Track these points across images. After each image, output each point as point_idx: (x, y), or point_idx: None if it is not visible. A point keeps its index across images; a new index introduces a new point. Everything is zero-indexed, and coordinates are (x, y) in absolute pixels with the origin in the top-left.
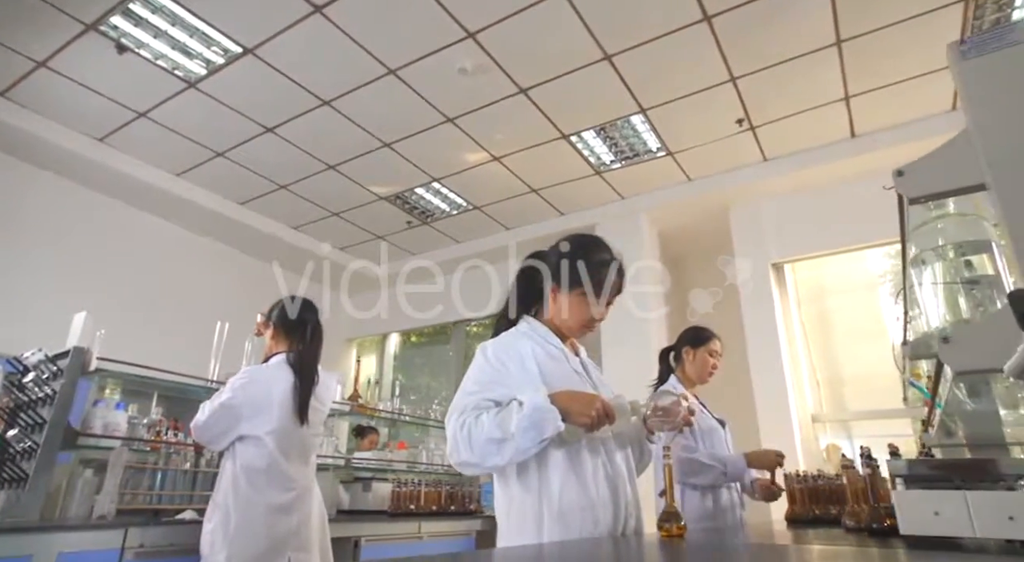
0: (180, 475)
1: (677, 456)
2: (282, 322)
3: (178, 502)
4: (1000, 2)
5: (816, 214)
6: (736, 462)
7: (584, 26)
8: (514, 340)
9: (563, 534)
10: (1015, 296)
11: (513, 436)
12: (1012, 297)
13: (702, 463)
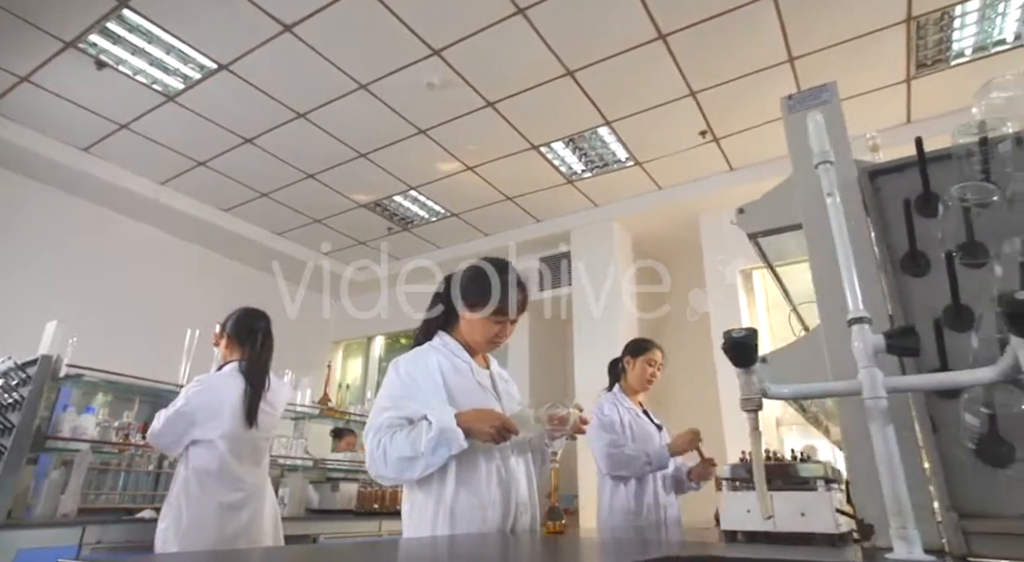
0: (143, 476)
1: (606, 452)
2: (235, 331)
3: (140, 501)
4: (940, 23)
5: None
6: (660, 452)
7: (544, 44)
8: (424, 354)
9: (453, 530)
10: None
11: (423, 454)
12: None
13: (627, 455)
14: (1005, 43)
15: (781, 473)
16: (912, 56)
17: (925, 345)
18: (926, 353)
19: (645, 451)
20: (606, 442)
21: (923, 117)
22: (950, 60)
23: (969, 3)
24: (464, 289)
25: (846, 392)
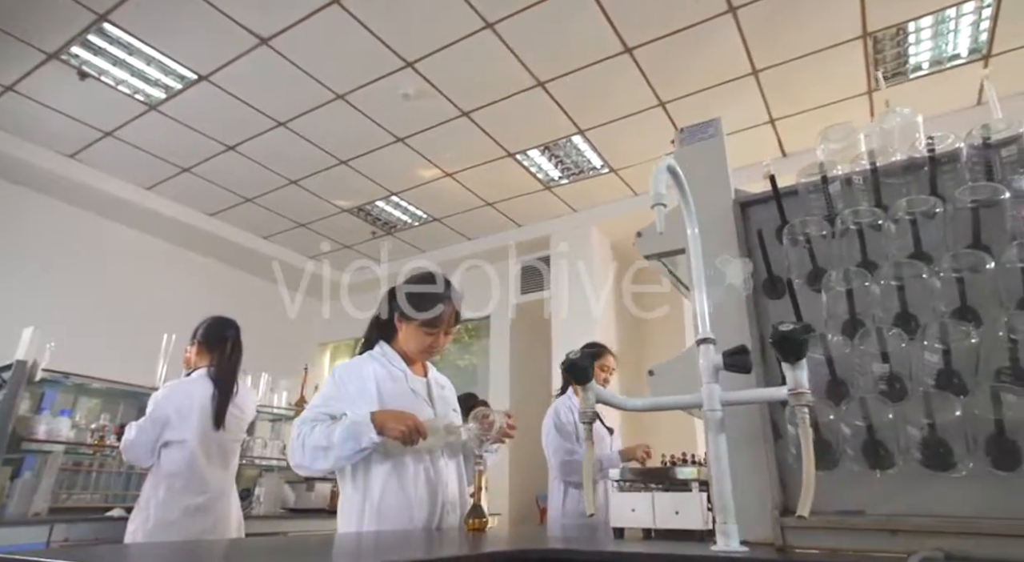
0: (114, 476)
1: (560, 459)
2: (205, 339)
3: (111, 501)
4: (896, 39)
5: None
6: (611, 457)
7: (514, 56)
8: (361, 363)
9: (379, 527)
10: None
11: (335, 445)
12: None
13: (579, 461)
14: (960, 58)
15: (661, 476)
16: (872, 69)
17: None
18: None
19: (598, 457)
20: (562, 449)
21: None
22: (908, 73)
23: (922, 20)
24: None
25: (690, 405)
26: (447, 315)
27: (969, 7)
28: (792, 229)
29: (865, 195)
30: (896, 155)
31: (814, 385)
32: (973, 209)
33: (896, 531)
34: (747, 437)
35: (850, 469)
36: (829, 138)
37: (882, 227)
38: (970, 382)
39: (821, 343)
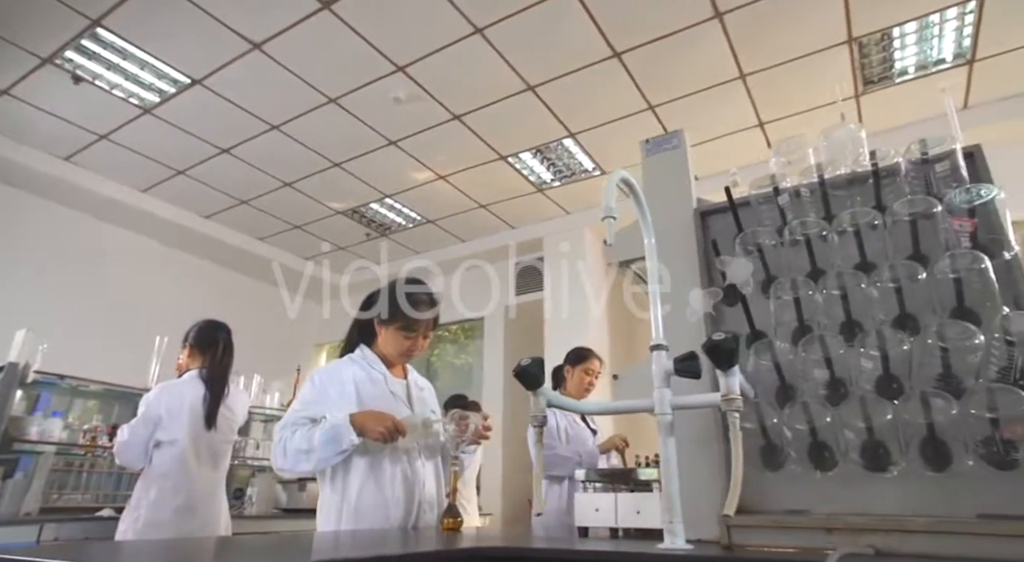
0: (105, 476)
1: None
2: (197, 341)
3: (102, 501)
4: (882, 43)
5: None
6: (591, 451)
7: (504, 61)
8: (340, 366)
9: (357, 526)
10: (521, 367)
11: (316, 448)
12: (516, 367)
13: (560, 456)
14: (945, 62)
15: (624, 477)
16: (858, 74)
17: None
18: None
19: (577, 452)
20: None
21: (876, 130)
22: (895, 77)
23: (907, 25)
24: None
25: (642, 409)
26: (423, 320)
27: (952, 13)
28: (744, 238)
29: (813, 206)
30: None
31: (765, 389)
32: (911, 221)
33: (832, 529)
34: (701, 440)
35: (796, 470)
36: (780, 151)
37: (827, 238)
38: (907, 387)
39: (768, 350)
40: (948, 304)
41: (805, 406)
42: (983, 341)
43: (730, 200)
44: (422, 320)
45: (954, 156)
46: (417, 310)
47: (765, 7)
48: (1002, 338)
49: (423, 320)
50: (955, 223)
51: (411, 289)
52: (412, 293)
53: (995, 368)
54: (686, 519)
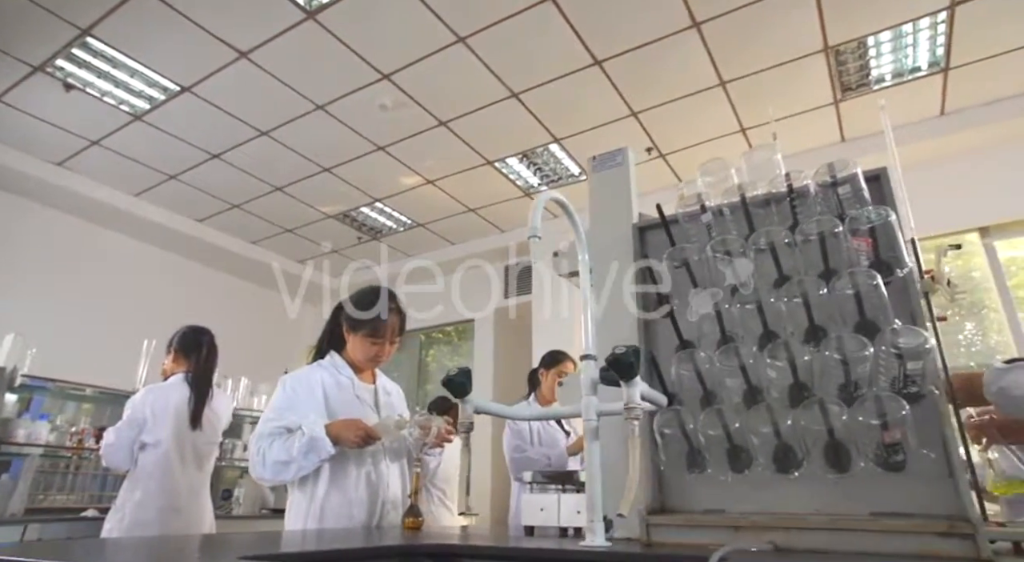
0: (90, 478)
1: (510, 457)
2: (181, 346)
3: (87, 502)
4: (858, 52)
5: None
6: (560, 453)
7: (487, 68)
8: (310, 372)
9: (321, 525)
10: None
11: (295, 459)
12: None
13: (530, 458)
14: (921, 70)
15: (566, 478)
16: (836, 81)
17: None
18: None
19: (547, 454)
20: (512, 447)
21: (855, 136)
22: (872, 85)
23: (881, 35)
24: (344, 314)
25: (569, 415)
26: (391, 326)
27: (924, 23)
28: (672, 254)
29: (735, 224)
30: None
31: (690, 397)
32: (820, 239)
33: (738, 527)
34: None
35: (716, 472)
36: (705, 172)
37: (746, 254)
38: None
39: (690, 359)
40: (850, 318)
41: (719, 412)
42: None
43: (662, 217)
44: (387, 327)
45: (856, 179)
46: (382, 317)
47: (741, 17)
48: (888, 350)
49: (388, 327)
50: (855, 242)
51: (377, 298)
52: (377, 303)
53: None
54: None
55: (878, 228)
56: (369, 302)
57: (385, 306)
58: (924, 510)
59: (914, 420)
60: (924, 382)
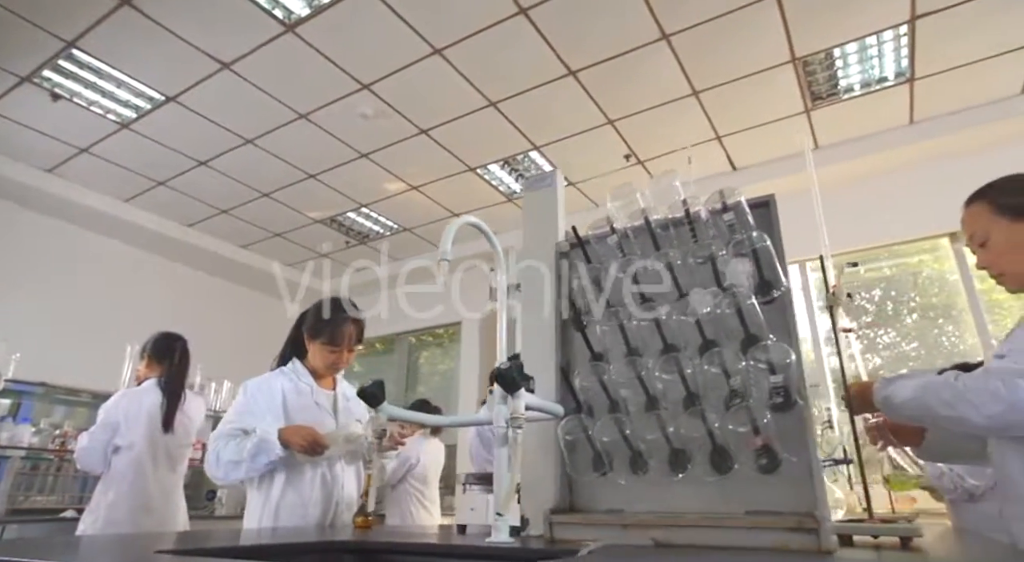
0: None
1: (474, 461)
2: (154, 352)
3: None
4: (825, 63)
5: None
6: None
7: (464, 78)
8: (270, 378)
9: (276, 524)
10: (363, 389)
11: (245, 460)
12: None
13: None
14: (888, 80)
15: (487, 480)
16: (806, 90)
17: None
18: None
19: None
20: (480, 456)
21: (828, 143)
22: (841, 94)
23: (847, 46)
24: (306, 323)
25: (480, 422)
26: (348, 334)
27: (888, 35)
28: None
29: (640, 245)
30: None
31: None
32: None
33: (626, 525)
34: (542, 448)
35: (618, 474)
36: (615, 197)
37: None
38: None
39: (595, 370)
40: (737, 334)
41: (617, 419)
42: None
43: (577, 237)
44: (344, 335)
45: (741, 207)
46: (340, 327)
47: (709, 29)
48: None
49: (346, 335)
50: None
51: (336, 308)
52: (335, 312)
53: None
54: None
55: (760, 250)
56: (328, 311)
57: (342, 315)
58: (791, 508)
59: (784, 428)
60: (790, 393)
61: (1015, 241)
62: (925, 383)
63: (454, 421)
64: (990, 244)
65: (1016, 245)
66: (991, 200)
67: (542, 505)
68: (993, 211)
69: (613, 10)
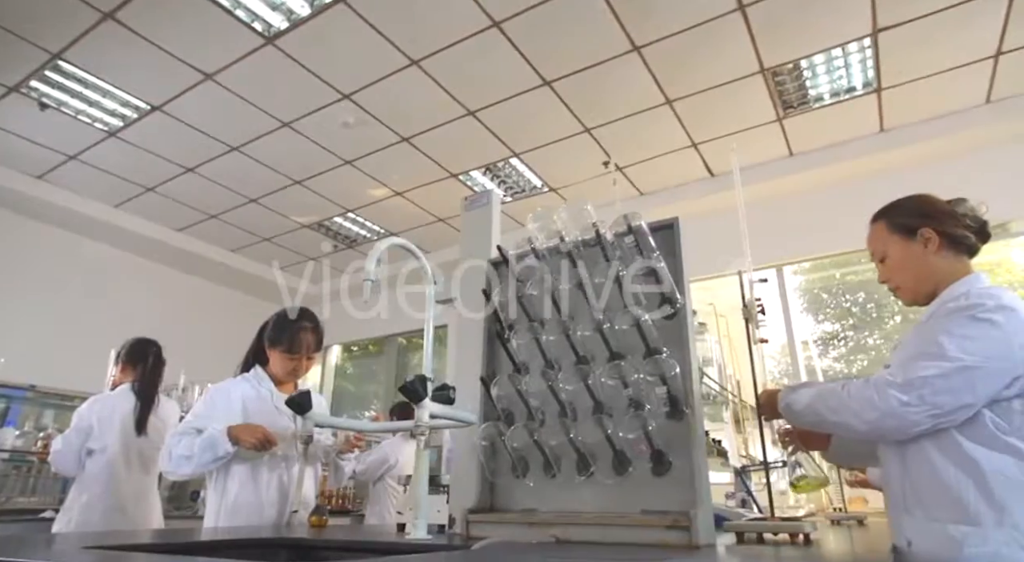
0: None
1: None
2: (128, 357)
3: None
4: (794, 73)
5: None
6: None
7: (442, 88)
8: (232, 384)
9: (233, 522)
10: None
11: (195, 455)
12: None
13: None
14: (856, 90)
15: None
16: (777, 100)
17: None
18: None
19: None
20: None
21: (803, 150)
22: (811, 103)
23: (815, 57)
24: (266, 332)
25: (401, 428)
26: (306, 343)
27: (853, 47)
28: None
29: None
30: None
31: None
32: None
33: (532, 523)
34: (468, 453)
35: (534, 477)
36: (534, 219)
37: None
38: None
39: (512, 381)
40: (639, 347)
41: (527, 426)
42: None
43: (503, 256)
44: (302, 343)
45: (642, 230)
46: (298, 336)
47: (678, 41)
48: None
49: (303, 344)
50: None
51: (294, 318)
52: (294, 321)
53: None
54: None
55: (659, 270)
56: (288, 320)
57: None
58: (681, 507)
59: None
60: (678, 403)
61: (905, 258)
62: (818, 392)
63: (377, 427)
64: (887, 260)
65: (906, 262)
66: (888, 220)
67: (464, 505)
68: (889, 230)
69: (584, 23)
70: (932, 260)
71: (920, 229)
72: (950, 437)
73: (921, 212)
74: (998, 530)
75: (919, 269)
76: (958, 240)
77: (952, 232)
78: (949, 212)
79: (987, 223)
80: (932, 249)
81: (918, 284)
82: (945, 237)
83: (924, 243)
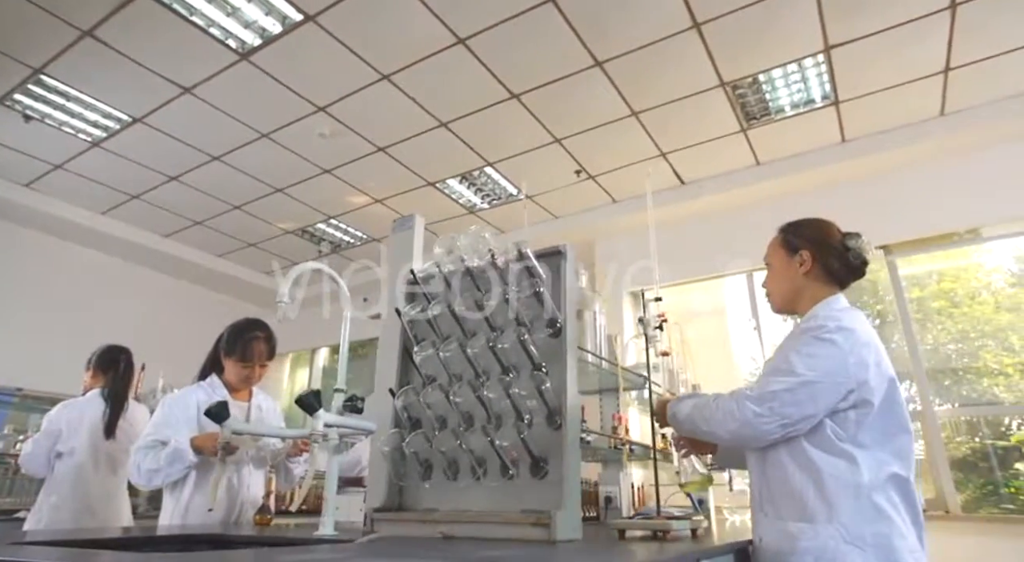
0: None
1: None
2: (99, 363)
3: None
4: (753, 86)
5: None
6: None
7: (413, 101)
8: (188, 392)
9: (185, 521)
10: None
11: (163, 467)
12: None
13: None
14: (815, 103)
15: (355, 482)
16: (739, 112)
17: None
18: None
19: None
20: None
21: (769, 159)
22: (773, 114)
23: (773, 71)
24: (221, 342)
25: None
26: (259, 351)
27: (808, 62)
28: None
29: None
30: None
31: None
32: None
33: (426, 521)
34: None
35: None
36: (440, 244)
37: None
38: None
39: (415, 393)
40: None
41: (424, 434)
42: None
43: (414, 278)
44: (255, 352)
45: (525, 258)
46: (251, 345)
47: (638, 57)
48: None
49: (256, 352)
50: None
51: (247, 328)
52: (246, 331)
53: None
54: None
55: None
56: (241, 331)
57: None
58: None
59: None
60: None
61: (782, 271)
62: (695, 403)
63: (280, 433)
64: (770, 269)
65: (781, 274)
66: (783, 234)
67: (373, 505)
68: (780, 242)
69: (546, 40)
70: (801, 280)
71: (801, 250)
72: (799, 444)
73: (808, 237)
74: (827, 525)
75: (788, 284)
76: (831, 271)
77: (826, 262)
78: (833, 245)
79: (867, 263)
80: (804, 270)
81: (783, 297)
82: (819, 264)
83: (800, 263)
